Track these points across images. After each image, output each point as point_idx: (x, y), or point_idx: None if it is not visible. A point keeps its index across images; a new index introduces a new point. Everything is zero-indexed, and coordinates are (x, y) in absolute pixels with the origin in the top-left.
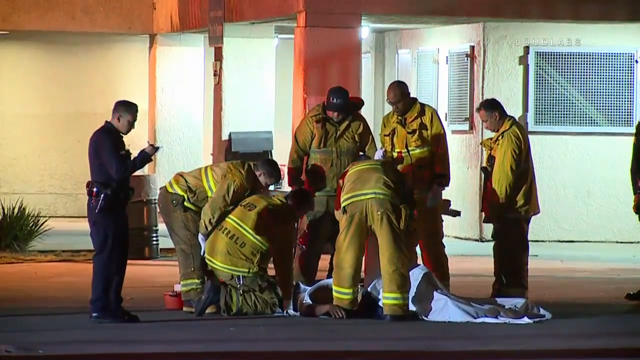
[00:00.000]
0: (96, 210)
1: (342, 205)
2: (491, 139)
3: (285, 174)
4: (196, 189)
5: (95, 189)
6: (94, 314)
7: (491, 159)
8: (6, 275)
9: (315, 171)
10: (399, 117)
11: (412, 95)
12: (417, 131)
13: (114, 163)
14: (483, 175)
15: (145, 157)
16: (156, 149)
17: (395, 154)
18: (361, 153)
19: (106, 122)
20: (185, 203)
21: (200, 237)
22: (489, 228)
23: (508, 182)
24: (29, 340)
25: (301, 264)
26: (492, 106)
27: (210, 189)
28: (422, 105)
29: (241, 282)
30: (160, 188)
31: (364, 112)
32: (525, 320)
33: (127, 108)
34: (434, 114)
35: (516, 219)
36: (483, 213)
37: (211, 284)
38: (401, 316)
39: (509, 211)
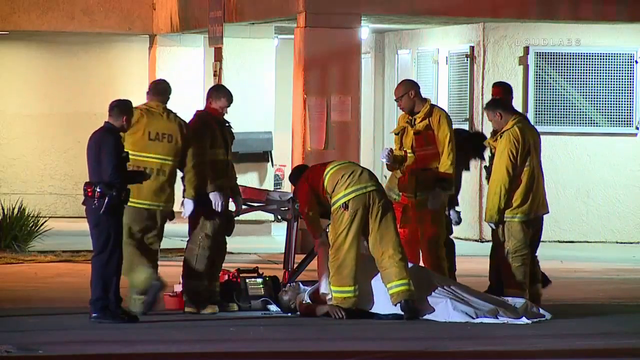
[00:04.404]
0: (100, 211)
1: (343, 200)
2: (494, 138)
3: (283, 175)
4: None
5: (99, 190)
6: (93, 314)
7: (492, 158)
8: (6, 276)
9: None
10: (409, 117)
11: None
12: (423, 132)
13: (110, 167)
14: (485, 175)
15: (138, 177)
16: (148, 176)
17: (401, 153)
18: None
19: (106, 122)
20: None
21: (213, 196)
22: (489, 228)
23: (503, 182)
24: (29, 340)
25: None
26: (494, 106)
27: None
28: (432, 107)
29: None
30: None
31: (363, 112)
32: (524, 320)
33: (130, 108)
34: (442, 117)
35: (513, 219)
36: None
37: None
38: (413, 301)
39: (505, 211)
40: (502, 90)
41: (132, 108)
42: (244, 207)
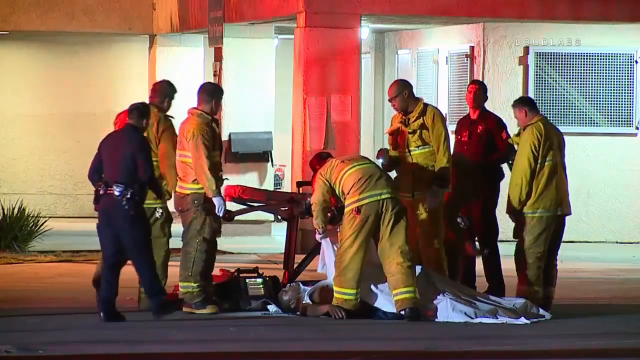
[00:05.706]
0: (131, 213)
1: (356, 205)
2: (517, 133)
3: (283, 175)
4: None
5: (130, 191)
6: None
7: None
8: (6, 276)
9: None
10: (403, 117)
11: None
12: (418, 131)
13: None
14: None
15: (153, 185)
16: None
17: (396, 153)
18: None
19: (128, 124)
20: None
21: (217, 200)
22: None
23: (524, 172)
24: (29, 340)
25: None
26: (522, 103)
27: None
28: (426, 106)
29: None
30: (176, 192)
31: (363, 112)
32: (523, 320)
33: (149, 110)
34: (435, 115)
35: (534, 214)
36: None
37: None
38: (417, 308)
39: (526, 207)
40: (480, 88)
41: (150, 110)
42: (243, 207)
